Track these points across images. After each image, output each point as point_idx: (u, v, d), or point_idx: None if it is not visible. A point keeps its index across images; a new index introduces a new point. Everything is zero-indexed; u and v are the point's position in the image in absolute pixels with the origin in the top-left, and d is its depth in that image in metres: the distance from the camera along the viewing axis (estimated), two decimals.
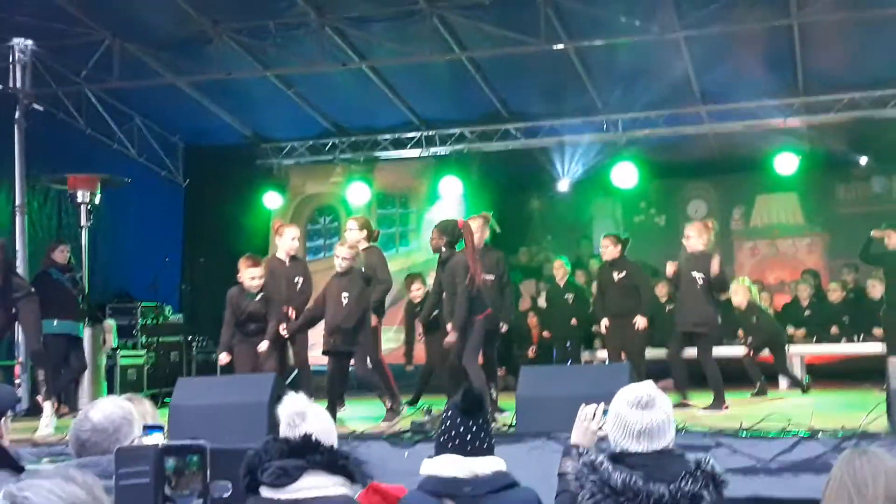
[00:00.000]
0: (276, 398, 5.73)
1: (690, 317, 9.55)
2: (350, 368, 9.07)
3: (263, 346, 8.85)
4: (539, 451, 7.15)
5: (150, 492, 2.33)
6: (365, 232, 9.86)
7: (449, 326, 8.78)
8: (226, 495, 2.79)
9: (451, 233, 9.00)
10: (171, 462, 2.39)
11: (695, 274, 9.49)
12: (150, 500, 2.31)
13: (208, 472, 2.46)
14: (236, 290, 9.04)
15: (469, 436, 3.73)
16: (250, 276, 8.95)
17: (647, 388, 3.52)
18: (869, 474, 3.20)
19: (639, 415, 3.44)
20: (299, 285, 9.60)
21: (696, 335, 9.53)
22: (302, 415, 3.60)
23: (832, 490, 3.26)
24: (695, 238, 9.69)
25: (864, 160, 13.70)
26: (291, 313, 9.34)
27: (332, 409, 8.61)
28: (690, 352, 9.67)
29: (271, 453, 3.45)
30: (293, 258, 9.73)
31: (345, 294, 8.76)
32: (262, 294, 8.98)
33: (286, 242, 9.70)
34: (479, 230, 9.36)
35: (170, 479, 2.38)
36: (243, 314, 8.94)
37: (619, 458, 3.41)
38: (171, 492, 2.38)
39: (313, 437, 3.48)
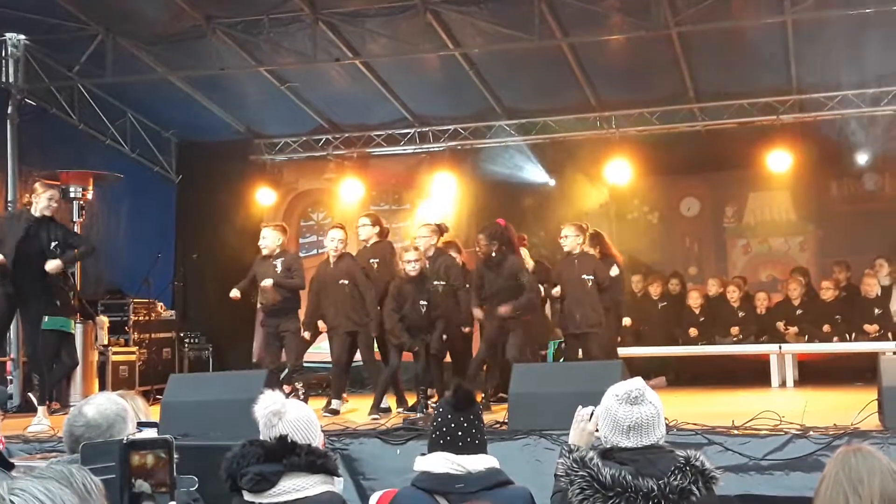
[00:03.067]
0: None
1: (583, 318, 9.81)
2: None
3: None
4: (531, 448, 7.16)
5: (116, 486, 2.32)
6: (378, 228, 10.25)
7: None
8: (193, 488, 2.79)
9: (500, 236, 9.48)
10: (136, 456, 2.39)
11: (585, 277, 9.75)
12: (115, 494, 2.30)
13: (175, 466, 2.45)
14: None
15: (461, 432, 3.73)
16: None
17: (637, 383, 3.53)
18: (864, 472, 3.20)
19: (628, 410, 3.45)
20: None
21: (588, 335, 9.80)
22: (279, 414, 3.56)
23: (826, 488, 3.26)
24: (572, 238, 9.91)
25: (857, 158, 13.71)
26: None
27: (406, 402, 9.63)
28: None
29: (248, 458, 3.43)
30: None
31: (422, 302, 9.50)
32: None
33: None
34: (431, 237, 10.00)
35: (136, 473, 2.38)
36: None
37: (608, 454, 3.42)
38: (138, 485, 2.37)
39: (289, 439, 3.46)
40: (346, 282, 9.74)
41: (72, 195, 12.14)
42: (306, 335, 10.06)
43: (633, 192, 14.68)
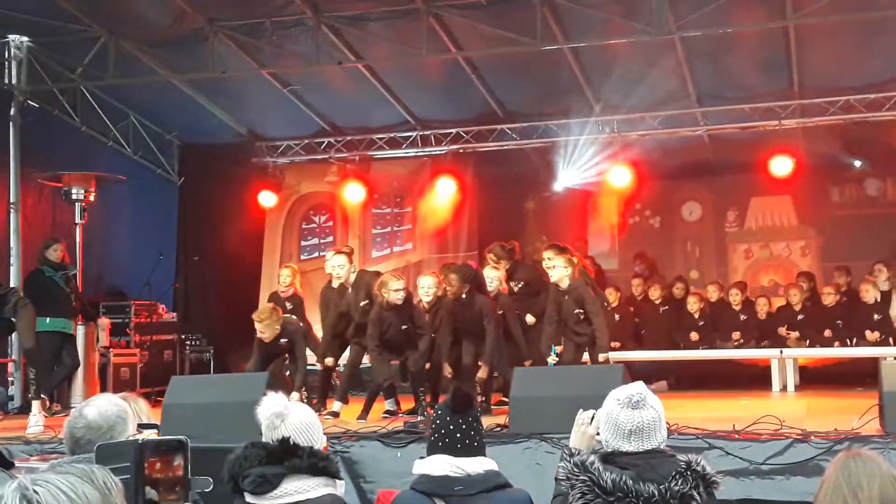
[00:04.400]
0: None
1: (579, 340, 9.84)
2: None
3: None
4: (532, 451, 7.16)
5: (131, 488, 2.32)
6: (350, 264, 10.26)
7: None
8: (207, 489, 2.79)
9: (472, 279, 9.74)
10: (151, 457, 2.39)
11: (576, 311, 9.68)
12: (130, 495, 2.30)
13: (189, 467, 2.45)
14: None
15: (459, 434, 3.74)
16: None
17: (638, 387, 3.53)
18: (864, 477, 3.21)
19: (629, 414, 3.45)
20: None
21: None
22: (281, 416, 3.57)
23: (826, 492, 3.27)
24: (560, 270, 9.73)
25: (858, 163, 13.71)
26: None
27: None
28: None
29: (251, 460, 3.44)
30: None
31: (403, 327, 9.54)
32: None
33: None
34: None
35: (150, 474, 2.38)
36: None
37: (609, 458, 3.42)
38: (152, 487, 2.37)
39: (291, 441, 3.47)
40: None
41: (74, 197, 12.17)
42: (330, 361, 10.18)
43: (634, 197, 14.68)
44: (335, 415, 9.53)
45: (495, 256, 10.63)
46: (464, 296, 9.59)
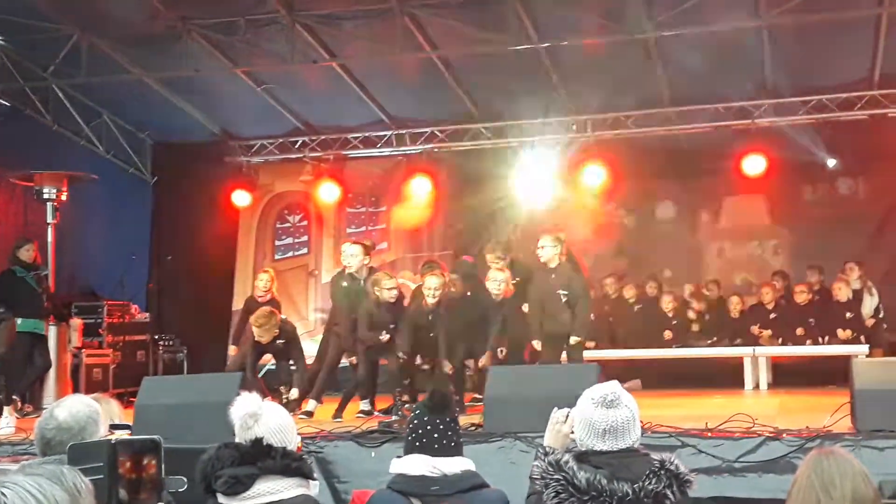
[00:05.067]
0: None
1: (556, 331, 9.78)
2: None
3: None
4: (506, 450, 7.17)
5: (104, 488, 2.31)
6: (368, 258, 10.23)
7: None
8: (181, 489, 2.77)
9: (472, 276, 10.17)
10: (124, 457, 2.37)
11: (559, 292, 9.68)
12: (103, 495, 2.28)
13: (163, 467, 2.44)
14: None
15: (436, 434, 3.74)
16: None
17: (612, 387, 3.54)
18: (836, 475, 3.23)
19: (604, 413, 3.46)
20: None
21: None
22: (255, 416, 3.55)
23: (799, 490, 3.29)
24: (549, 249, 9.80)
25: (831, 162, 13.80)
26: None
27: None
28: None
29: (223, 460, 3.42)
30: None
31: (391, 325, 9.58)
32: None
33: None
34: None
35: (124, 474, 2.36)
36: None
37: (584, 457, 3.42)
38: (125, 488, 2.36)
39: (264, 441, 3.45)
40: None
41: (46, 196, 12.07)
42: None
43: (608, 196, 14.72)
44: (310, 414, 9.51)
45: (501, 254, 10.47)
46: (468, 293, 9.61)
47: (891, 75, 12.31)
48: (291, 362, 10.13)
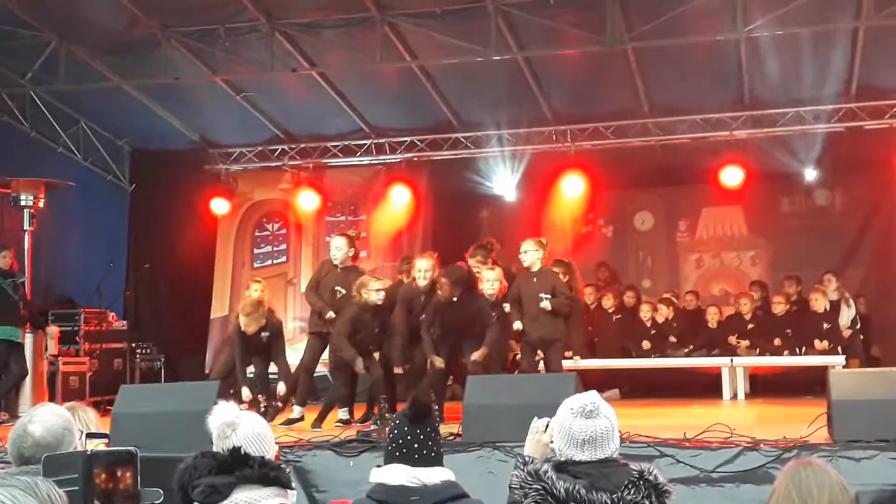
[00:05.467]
0: None
1: (539, 336, 9.73)
2: None
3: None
4: (485, 460, 7.16)
5: (80, 499, 2.29)
6: (353, 251, 10.25)
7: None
8: (157, 502, 2.75)
9: (465, 281, 9.58)
10: (99, 469, 2.35)
11: (542, 296, 9.65)
12: None
13: (139, 478, 2.42)
14: None
15: (417, 444, 3.73)
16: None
17: (592, 397, 3.54)
18: (814, 485, 3.24)
19: (583, 423, 3.46)
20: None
21: (550, 343, 9.77)
22: (232, 425, 3.53)
23: (777, 500, 3.29)
24: (531, 253, 9.80)
25: (808, 174, 13.88)
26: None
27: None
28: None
29: (200, 469, 3.39)
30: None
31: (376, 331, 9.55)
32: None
33: None
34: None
35: (100, 485, 2.34)
36: None
37: (563, 467, 3.42)
38: (101, 499, 2.34)
39: (242, 450, 3.43)
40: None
41: (23, 203, 12.00)
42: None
43: (587, 206, 14.77)
44: (298, 420, 9.46)
45: (482, 258, 10.36)
46: (455, 298, 9.45)
47: (867, 88, 12.40)
48: (272, 372, 10.07)
